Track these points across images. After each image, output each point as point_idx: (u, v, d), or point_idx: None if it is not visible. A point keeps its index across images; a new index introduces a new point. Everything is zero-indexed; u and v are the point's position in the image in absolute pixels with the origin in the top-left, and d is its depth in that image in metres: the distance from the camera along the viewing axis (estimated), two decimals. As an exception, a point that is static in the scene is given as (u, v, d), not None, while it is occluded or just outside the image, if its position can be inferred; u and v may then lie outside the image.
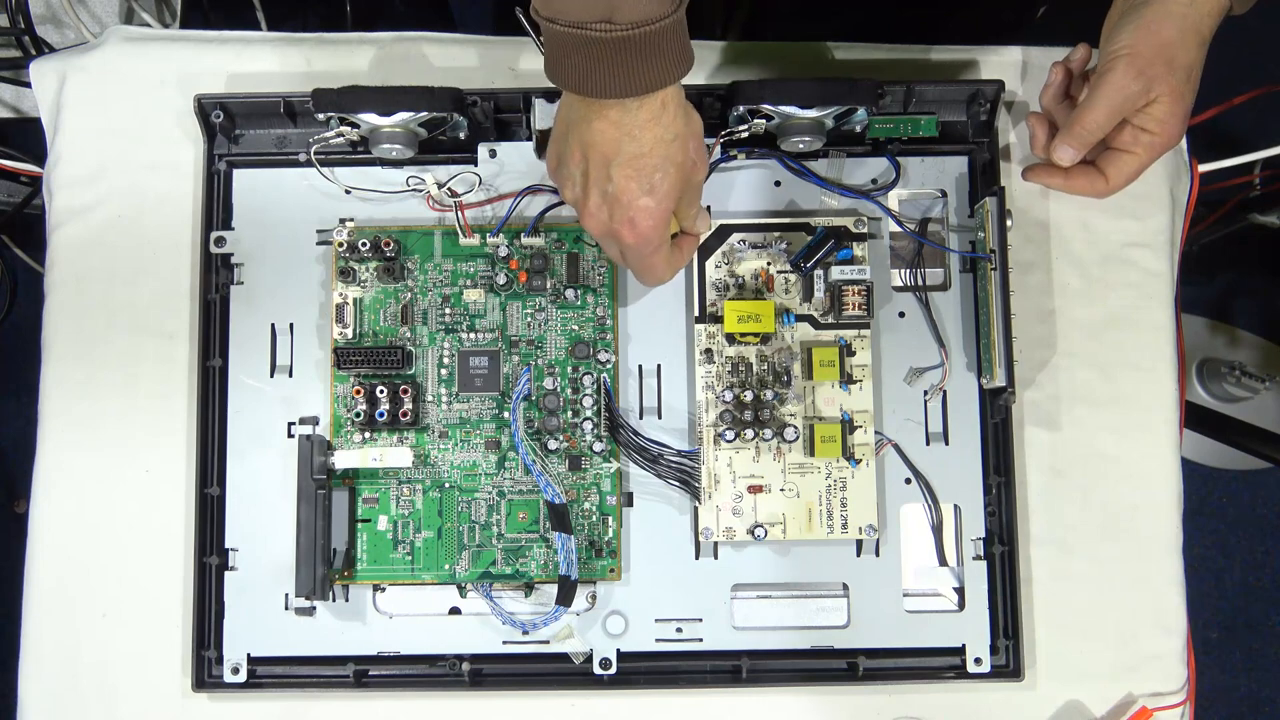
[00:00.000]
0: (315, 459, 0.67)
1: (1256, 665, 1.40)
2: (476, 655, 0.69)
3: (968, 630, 0.69)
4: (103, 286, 0.73)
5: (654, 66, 0.55)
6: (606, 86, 0.54)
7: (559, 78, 0.56)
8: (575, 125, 0.58)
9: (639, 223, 0.60)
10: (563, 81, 0.56)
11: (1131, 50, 0.64)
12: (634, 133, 0.57)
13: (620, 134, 0.57)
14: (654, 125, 0.57)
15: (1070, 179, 0.69)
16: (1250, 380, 1.34)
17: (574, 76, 0.55)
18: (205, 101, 0.71)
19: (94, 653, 0.70)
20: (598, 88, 0.55)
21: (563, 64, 0.55)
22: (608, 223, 0.60)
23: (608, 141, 0.57)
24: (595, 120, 0.57)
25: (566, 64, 0.55)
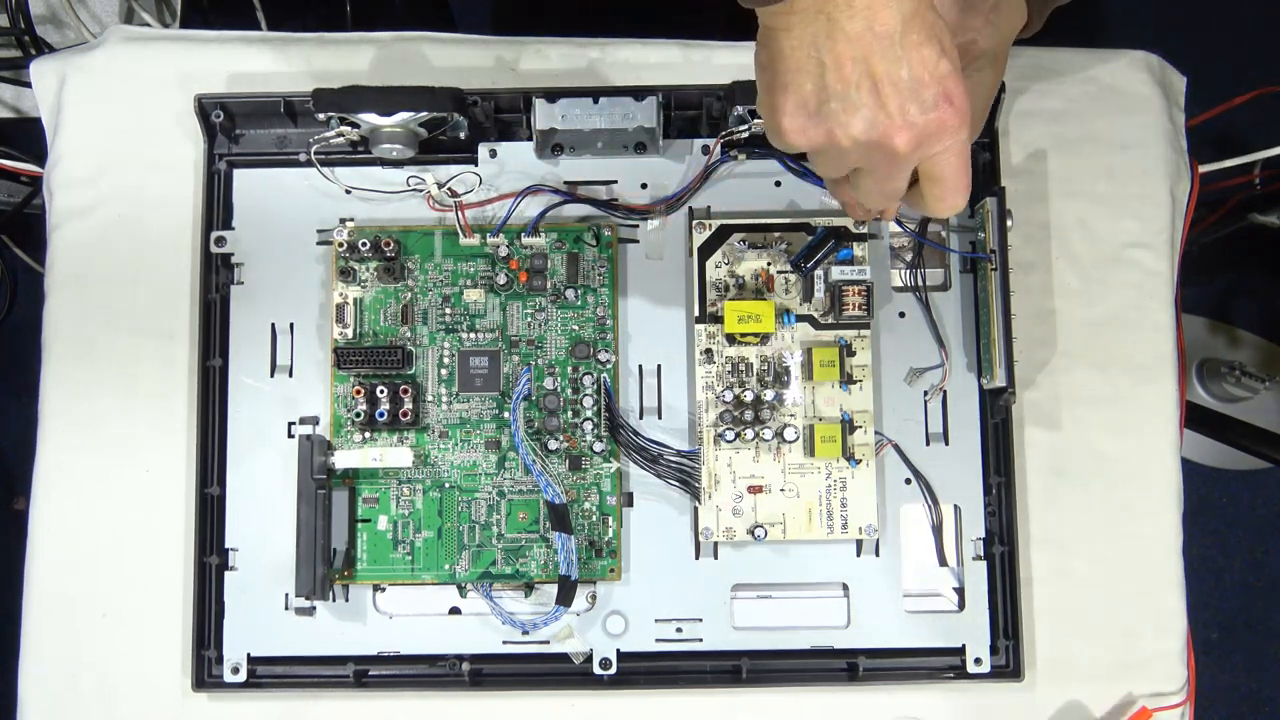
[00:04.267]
0: (315, 459, 0.67)
1: (1256, 665, 1.40)
2: (476, 655, 0.69)
3: (968, 630, 0.69)
4: (103, 286, 0.73)
5: None
6: None
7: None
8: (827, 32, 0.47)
9: (953, 94, 0.48)
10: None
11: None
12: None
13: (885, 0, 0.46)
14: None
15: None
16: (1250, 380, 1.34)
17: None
18: (205, 101, 0.71)
19: (94, 653, 0.70)
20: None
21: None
22: (921, 119, 0.48)
23: (881, 14, 0.46)
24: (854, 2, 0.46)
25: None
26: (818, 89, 0.48)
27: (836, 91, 0.48)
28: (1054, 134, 0.76)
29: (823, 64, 0.48)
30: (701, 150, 0.72)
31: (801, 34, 0.48)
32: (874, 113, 0.48)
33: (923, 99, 0.48)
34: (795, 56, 0.48)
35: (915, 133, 0.48)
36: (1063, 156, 0.75)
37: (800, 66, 0.48)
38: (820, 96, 0.49)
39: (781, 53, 0.49)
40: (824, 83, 0.48)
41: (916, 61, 0.47)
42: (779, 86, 0.49)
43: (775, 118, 0.50)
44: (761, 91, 0.51)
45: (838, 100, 0.48)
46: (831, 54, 0.47)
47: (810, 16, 0.47)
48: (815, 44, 0.48)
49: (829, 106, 0.49)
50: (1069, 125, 0.75)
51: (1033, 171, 0.75)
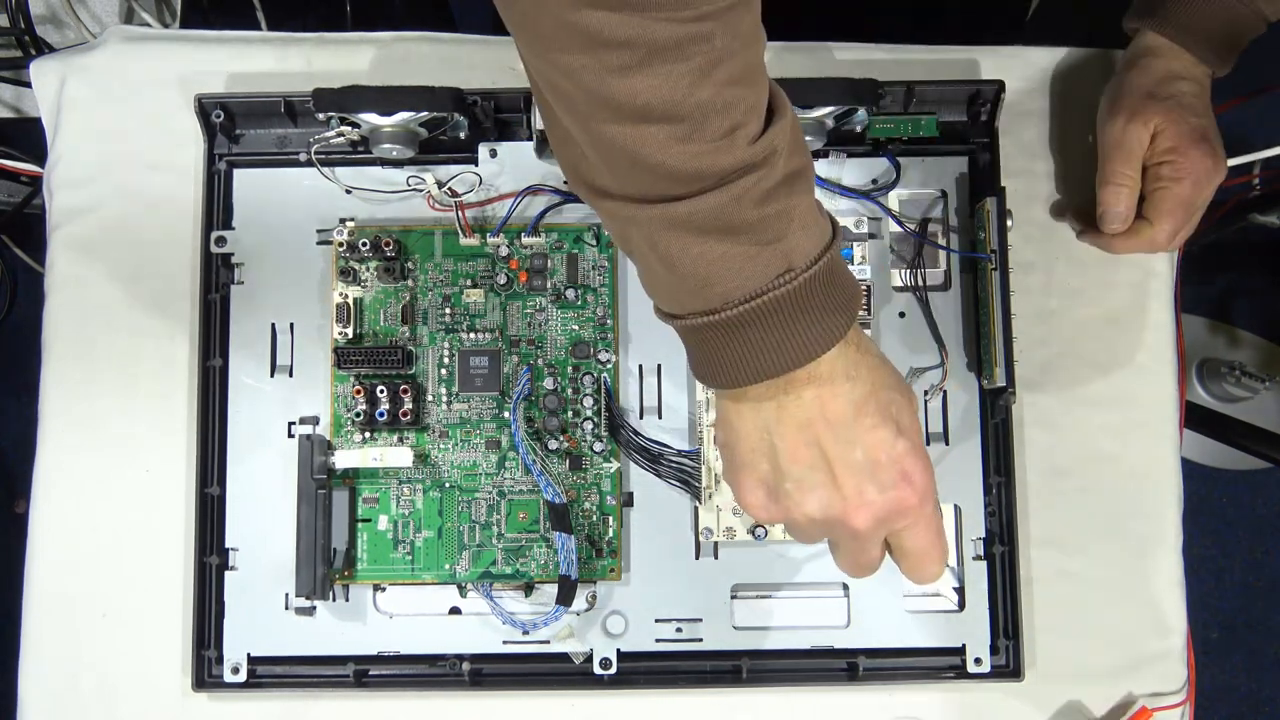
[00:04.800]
0: (315, 459, 0.67)
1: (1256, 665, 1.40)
2: (476, 655, 0.69)
3: (968, 630, 0.69)
4: (103, 286, 0.73)
5: (847, 289, 0.47)
6: (815, 342, 0.46)
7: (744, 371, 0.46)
8: (779, 418, 0.48)
9: (912, 474, 0.49)
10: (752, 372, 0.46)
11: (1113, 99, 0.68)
12: (851, 373, 0.48)
13: (840, 384, 0.47)
14: (863, 354, 0.48)
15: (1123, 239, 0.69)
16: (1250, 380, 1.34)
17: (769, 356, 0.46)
18: (205, 101, 0.71)
19: (94, 653, 0.70)
20: (806, 349, 0.46)
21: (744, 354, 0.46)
22: (880, 499, 0.48)
23: (832, 401, 0.47)
24: (806, 389, 0.47)
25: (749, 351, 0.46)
26: (774, 469, 0.49)
27: (791, 473, 0.49)
28: (1054, 134, 0.76)
29: (776, 447, 0.49)
30: (701, 150, 0.72)
31: (755, 418, 0.49)
32: (829, 494, 0.49)
33: (879, 479, 0.48)
34: (751, 439, 0.49)
35: (873, 512, 0.49)
36: (1063, 157, 0.75)
37: (755, 448, 0.49)
38: (776, 477, 0.49)
39: (738, 434, 0.50)
40: (779, 464, 0.49)
41: (871, 444, 0.48)
42: (738, 465, 0.51)
43: (738, 494, 0.51)
44: (725, 466, 0.52)
45: (792, 482, 0.49)
46: (785, 438, 0.48)
47: (762, 403, 0.48)
48: (768, 428, 0.49)
49: (785, 487, 0.49)
50: (1069, 125, 0.75)
51: (1033, 171, 0.75)
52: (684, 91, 0.41)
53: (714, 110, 0.42)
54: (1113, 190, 0.67)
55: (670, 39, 0.40)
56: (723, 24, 0.41)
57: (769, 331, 0.46)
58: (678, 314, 0.48)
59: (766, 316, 0.45)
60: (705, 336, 0.47)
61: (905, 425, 0.49)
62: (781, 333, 0.46)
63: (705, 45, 0.41)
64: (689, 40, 0.40)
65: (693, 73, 0.41)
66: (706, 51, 0.41)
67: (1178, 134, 0.65)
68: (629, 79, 0.41)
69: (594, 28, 0.39)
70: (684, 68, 0.41)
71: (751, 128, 0.44)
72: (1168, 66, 0.67)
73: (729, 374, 0.47)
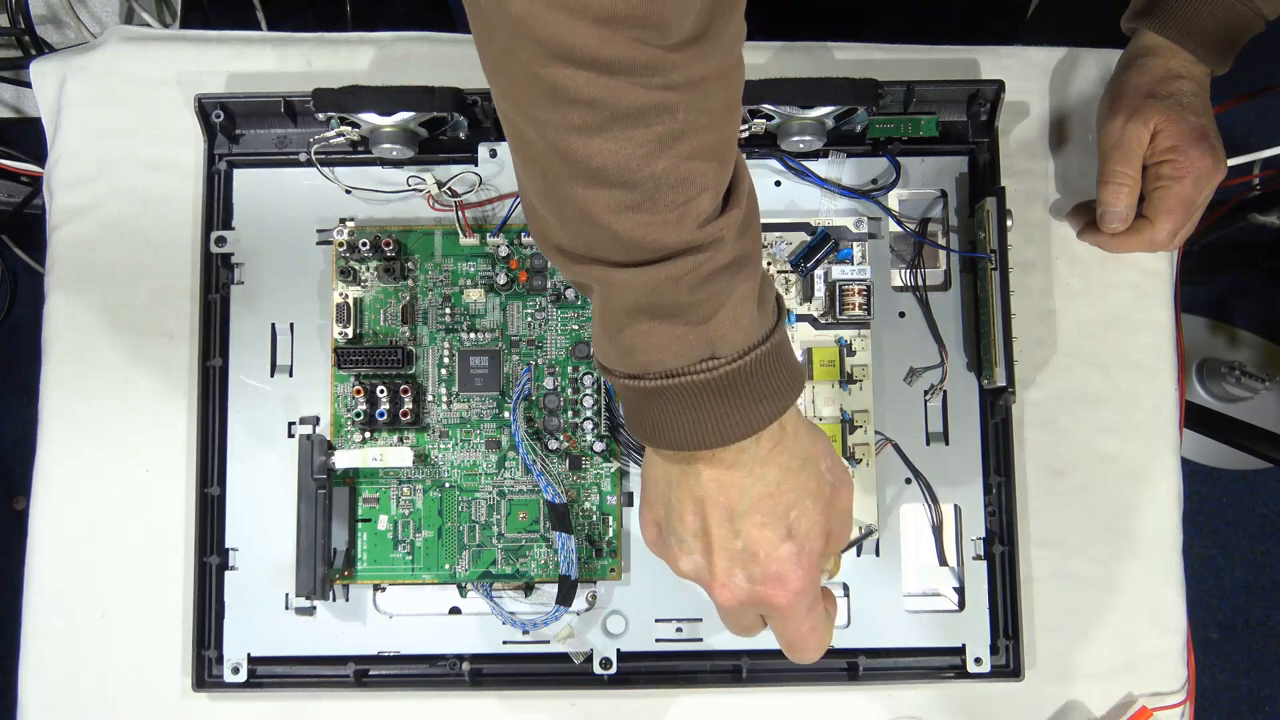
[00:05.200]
0: (315, 459, 0.67)
1: (1256, 665, 1.40)
2: (476, 655, 0.69)
3: (968, 630, 0.69)
4: (103, 286, 0.73)
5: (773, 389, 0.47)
6: (723, 432, 0.46)
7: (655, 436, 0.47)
8: (678, 482, 0.50)
9: (787, 578, 0.49)
10: (661, 440, 0.47)
11: (1113, 99, 0.68)
12: (756, 470, 0.48)
13: (739, 476, 0.48)
14: (779, 454, 0.48)
15: (1124, 238, 0.69)
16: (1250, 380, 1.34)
17: (677, 431, 0.46)
18: (205, 101, 0.71)
19: (94, 653, 0.70)
20: (713, 436, 0.46)
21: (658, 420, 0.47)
22: (747, 588, 0.50)
23: (727, 489, 0.48)
24: (705, 469, 0.48)
25: (663, 419, 0.46)
26: (666, 518, 0.52)
27: (676, 531, 0.51)
28: (1054, 134, 0.76)
29: (671, 504, 0.51)
30: (701, 150, 0.72)
31: (664, 471, 0.51)
32: (703, 562, 0.50)
33: (751, 571, 0.49)
34: (656, 485, 0.52)
35: (737, 596, 0.50)
36: (1063, 156, 0.75)
37: (657, 495, 0.52)
38: (666, 526, 0.52)
39: (648, 476, 0.52)
40: (669, 519, 0.51)
41: (754, 539, 0.49)
42: (644, 499, 0.53)
43: (639, 519, 0.54)
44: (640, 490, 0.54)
45: (675, 538, 0.51)
46: (679, 501, 0.50)
47: (671, 464, 0.50)
48: (670, 484, 0.50)
49: (669, 539, 0.52)
50: (1069, 125, 0.75)
51: (1033, 171, 0.75)
52: (640, 160, 0.41)
53: (667, 184, 0.41)
54: (1113, 189, 0.67)
55: (634, 105, 0.40)
56: (691, 97, 0.41)
57: (684, 409, 0.46)
58: (606, 367, 0.48)
59: (682, 395, 0.46)
60: (629, 394, 0.48)
61: (800, 531, 0.49)
62: (696, 414, 0.46)
63: (668, 116, 0.40)
64: (652, 109, 0.40)
65: (652, 142, 0.40)
66: (669, 123, 0.40)
67: (1177, 133, 0.65)
68: (589, 140, 0.40)
69: (560, 84, 0.39)
70: (643, 135, 0.40)
71: (704, 206, 0.43)
72: (1167, 65, 0.67)
73: (645, 434, 0.48)
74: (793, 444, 0.49)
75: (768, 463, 0.48)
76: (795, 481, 0.49)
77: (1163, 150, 0.66)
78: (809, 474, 0.50)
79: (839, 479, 0.52)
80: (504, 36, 0.39)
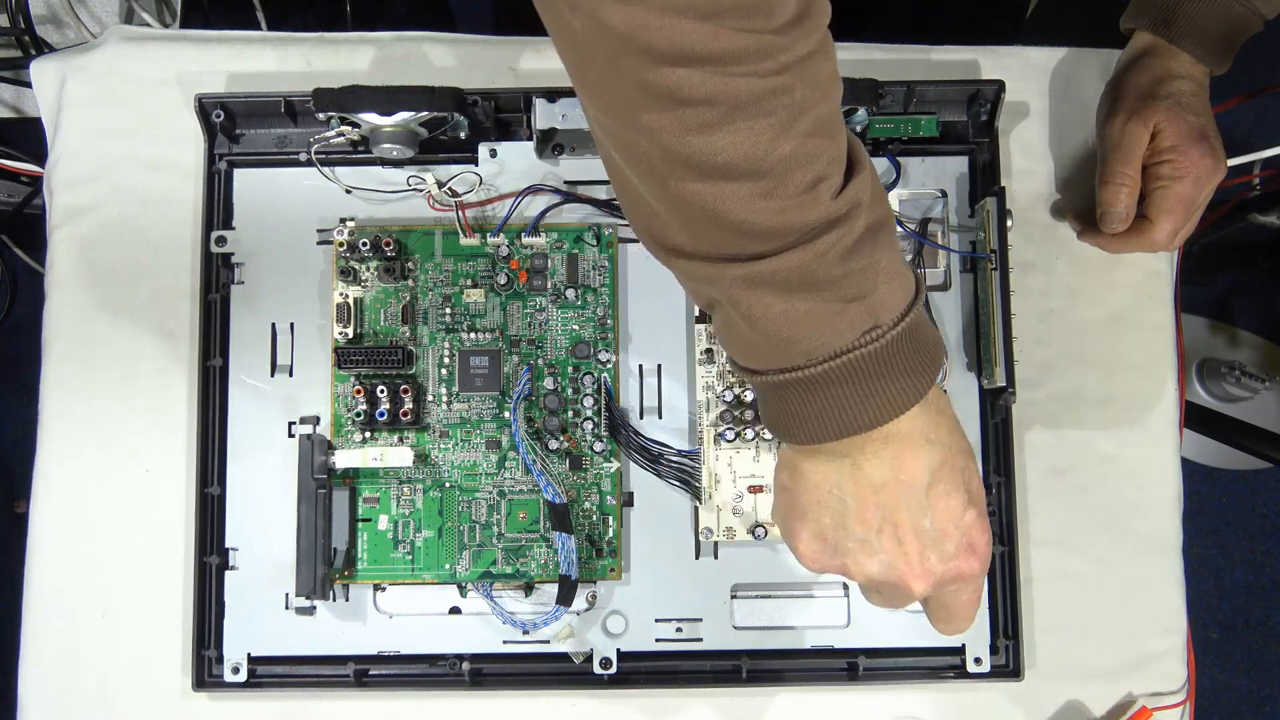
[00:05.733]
0: (316, 459, 0.67)
1: (1256, 665, 1.40)
2: (476, 655, 0.69)
3: (968, 630, 0.69)
4: (103, 286, 0.73)
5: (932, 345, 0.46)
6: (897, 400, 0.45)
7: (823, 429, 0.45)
8: (850, 477, 0.47)
9: (977, 544, 0.48)
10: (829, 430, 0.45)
11: (1112, 99, 0.68)
12: (931, 435, 0.47)
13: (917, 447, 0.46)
14: (943, 414, 0.47)
15: (1124, 238, 0.69)
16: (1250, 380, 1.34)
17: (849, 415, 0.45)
18: (205, 101, 0.71)
19: (94, 653, 0.70)
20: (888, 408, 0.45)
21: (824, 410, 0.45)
22: (941, 569, 0.48)
23: (906, 465, 0.46)
24: (882, 450, 0.46)
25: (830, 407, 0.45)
26: (837, 526, 0.48)
27: (856, 533, 0.48)
28: (1054, 134, 0.76)
29: (845, 503, 0.48)
30: (701, 150, 0.72)
31: (827, 472, 0.48)
32: (893, 559, 0.48)
33: (944, 549, 0.48)
34: (818, 491, 0.48)
35: (933, 580, 0.48)
36: (1063, 157, 0.75)
37: (822, 501, 0.48)
38: (839, 533, 0.48)
39: (805, 484, 0.49)
40: (844, 522, 0.48)
41: (942, 511, 0.47)
42: (798, 514, 0.49)
43: (791, 540, 0.50)
44: (780, 509, 0.51)
45: (856, 541, 0.48)
46: (855, 497, 0.47)
47: (838, 459, 0.47)
48: (839, 483, 0.47)
49: (847, 545, 0.48)
50: (1069, 125, 0.75)
51: (1033, 171, 0.75)
52: (766, 146, 0.40)
53: (796, 164, 0.41)
54: (1112, 190, 0.67)
55: (752, 94, 0.39)
56: (803, 74, 0.40)
57: (852, 389, 0.44)
58: (758, 370, 0.46)
59: (850, 374, 0.44)
60: (785, 393, 0.46)
61: (975, 493, 0.48)
62: (864, 390, 0.44)
63: (786, 98, 0.40)
64: (770, 94, 0.40)
65: (774, 127, 0.40)
66: (788, 104, 0.40)
67: (1177, 133, 0.65)
68: (710, 136, 0.40)
69: (673, 86, 0.39)
70: (766, 123, 0.40)
71: (834, 180, 0.43)
72: (1165, 66, 0.67)
73: (808, 431, 0.46)
74: (945, 404, 0.48)
75: (938, 425, 0.47)
76: (958, 442, 0.48)
77: (1162, 150, 0.66)
78: (960, 432, 0.49)
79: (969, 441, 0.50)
80: (605, 53, 0.39)
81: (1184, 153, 0.65)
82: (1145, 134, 0.66)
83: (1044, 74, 0.76)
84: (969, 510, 0.48)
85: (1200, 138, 0.65)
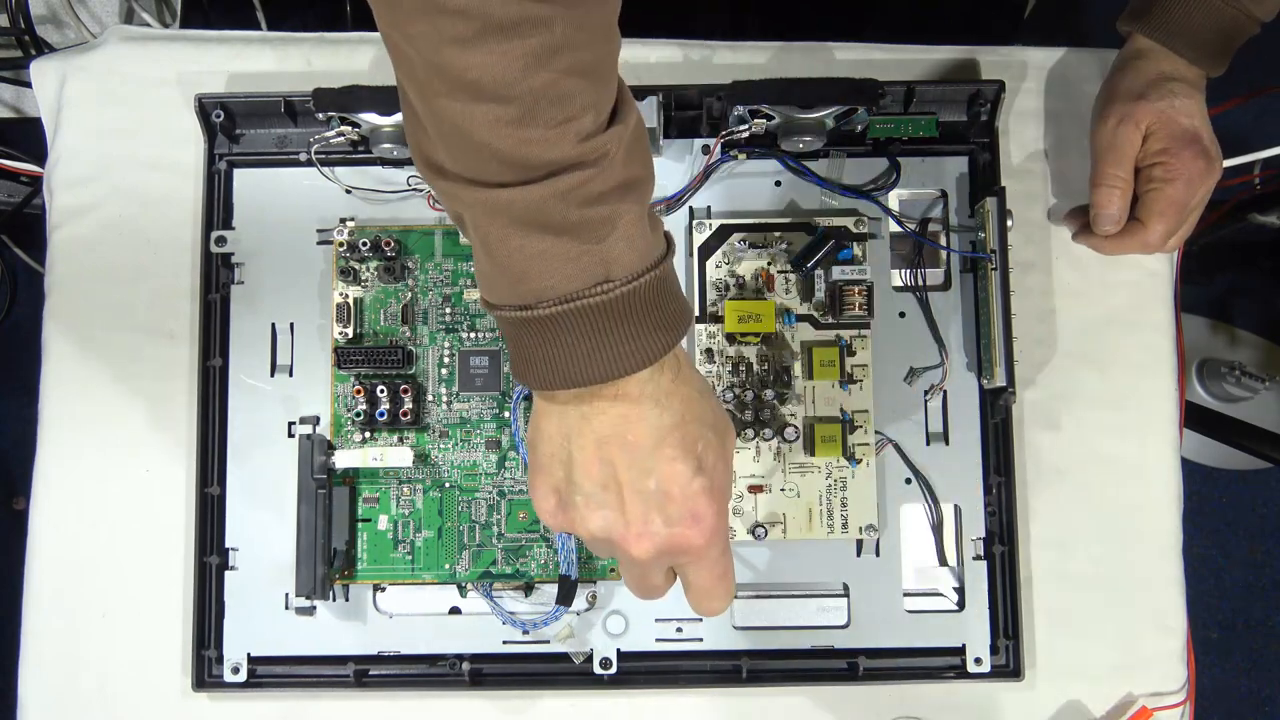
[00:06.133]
0: (316, 459, 0.67)
1: (1256, 665, 1.40)
2: (476, 655, 0.69)
3: (968, 630, 0.69)
4: (103, 286, 0.73)
5: (669, 317, 0.46)
6: (623, 360, 0.44)
7: (551, 375, 0.45)
8: (578, 429, 0.47)
9: (702, 514, 0.47)
10: (557, 378, 0.45)
11: (1105, 102, 0.68)
12: (661, 400, 0.46)
13: (645, 409, 0.46)
14: (680, 385, 0.47)
15: (1117, 240, 0.69)
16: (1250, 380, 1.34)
17: (575, 364, 0.44)
18: (205, 101, 0.71)
19: (94, 653, 0.70)
20: (614, 365, 0.44)
21: (553, 355, 0.45)
22: (665, 532, 0.47)
23: (634, 425, 0.46)
24: (610, 408, 0.46)
25: (558, 352, 0.45)
26: (567, 479, 0.48)
27: (582, 487, 0.48)
28: (1053, 134, 0.76)
29: (573, 456, 0.47)
30: (702, 150, 0.72)
31: (559, 424, 0.48)
32: (614, 515, 0.47)
33: (667, 512, 0.47)
34: (552, 443, 0.48)
35: (655, 543, 0.48)
36: (1062, 156, 0.75)
37: (554, 454, 0.48)
38: (568, 488, 0.48)
39: (542, 436, 0.49)
40: (573, 476, 0.48)
41: (667, 475, 0.47)
42: (536, 467, 0.49)
43: (533, 496, 0.50)
44: (529, 464, 0.51)
45: (582, 495, 0.48)
46: (581, 449, 0.47)
47: (567, 410, 0.47)
48: (569, 436, 0.47)
49: (574, 499, 0.48)
50: (1068, 125, 0.75)
51: (1033, 171, 0.75)
52: (516, 74, 0.40)
53: (546, 99, 0.41)
54: (1105, 192, 0.67)
55: (507, 17, 0.39)
56: (566, 12, 0.40)
57: (580, 339, 0.44)
58: (495, 304, 0.46)
59: (578, 322, 0.44)
60: (519, 332, 0.46)
61: (708, 464, 0.48)
62: (592, 342, 0.44)
63: (544, 30, 0.40)
64: (527, 22, 0.39)
65: (528, 55, 0.40)
66: (544, 37, 0.40)
67: (1169, 135, 0.65)
68: (464, 52, 0.40)
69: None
70: (519, 48, 0.40)
71: (585, 123, 0.42)
72: (1159, 68, 0.67)
73: (538, 375, 0.46)
74: (690, 376, 0.48)
75: (671, 393, 0.46)
76: (697, 411, 0.48)
77: (1154, 152, 0.66)
78: (707, 405, 0.48)
79: (726, 420, 0.50)
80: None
81: (1176, 155, 0.65)
82: (1137, 136, 0.66)
83: (1044, 74, 0.76)
84: (697, 478, 0.47)
85: (1193, 140, 0.65)
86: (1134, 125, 0.66)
